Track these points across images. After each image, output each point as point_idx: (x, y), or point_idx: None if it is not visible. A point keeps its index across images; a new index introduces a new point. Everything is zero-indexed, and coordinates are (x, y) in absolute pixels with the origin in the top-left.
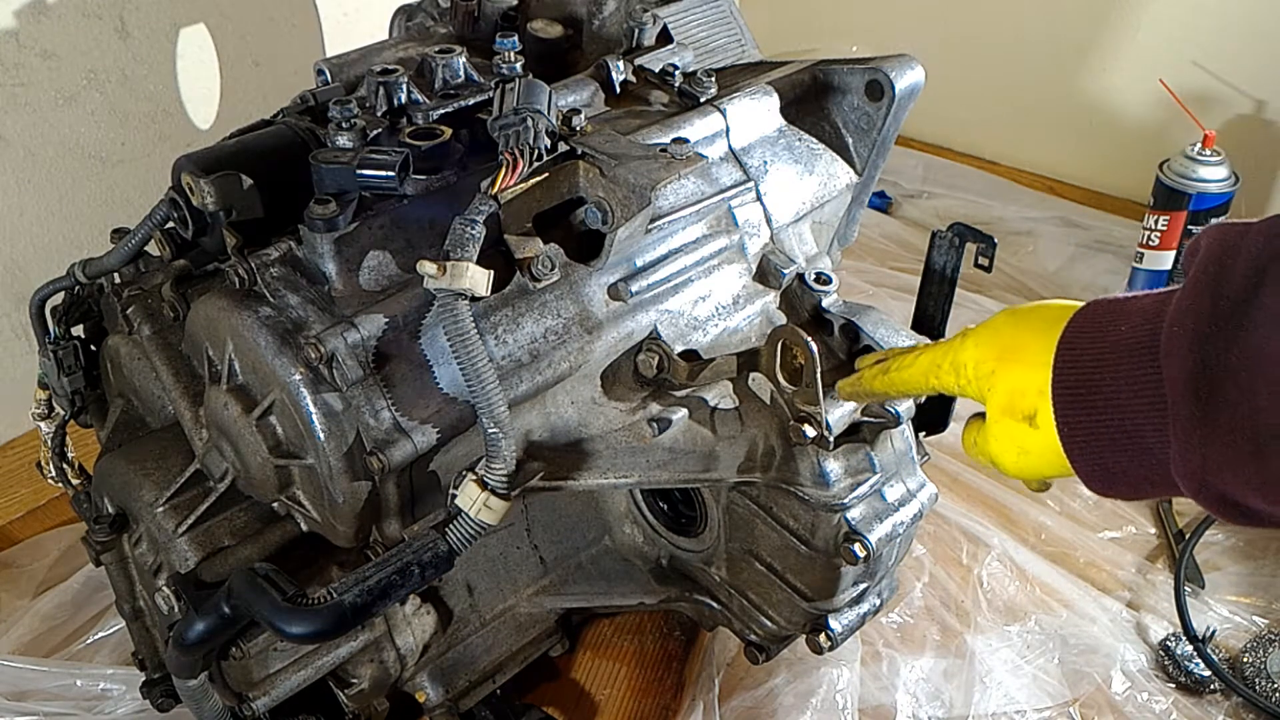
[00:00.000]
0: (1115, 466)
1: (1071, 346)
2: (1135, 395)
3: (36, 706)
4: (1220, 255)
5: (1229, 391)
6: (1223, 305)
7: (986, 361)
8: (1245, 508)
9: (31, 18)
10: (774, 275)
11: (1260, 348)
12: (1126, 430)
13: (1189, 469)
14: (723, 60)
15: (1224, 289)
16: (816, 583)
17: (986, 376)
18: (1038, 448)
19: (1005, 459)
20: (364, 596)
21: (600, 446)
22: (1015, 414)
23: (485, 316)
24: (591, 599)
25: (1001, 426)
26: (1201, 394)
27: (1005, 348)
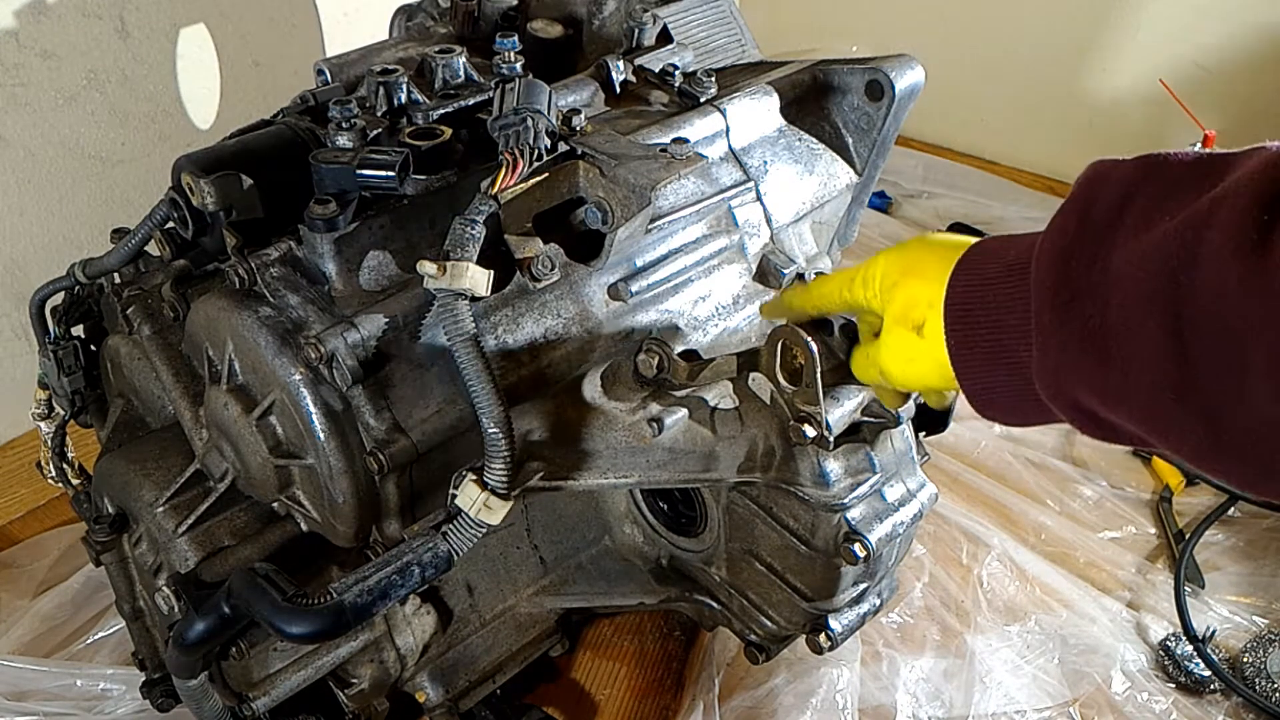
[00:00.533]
0: (990, 379)
1: (965, 266)
2: (1009, 311)
3: (36, 706)
4: (1093, 181)
5: (1085, 304)
6: (1088, 225)
7: (891, 275)
8: (1095, 415)
9: (31, 18)
10: (774, 275)
11: (1117, 267)
12: (1001, 342)
13: (1045, 374)
14: (723, 60)
15: (1092, 211)
16: (816, 583)
17: (889, 289)
18: (923, 356)
19: (893, 366)
20: (364, 596)
21: (600, 446)
22: (906, 323)
23: (485, 316)
24: (591, 599)
25: (894, 335)
26: (1060, 304)
27: (910, 264)
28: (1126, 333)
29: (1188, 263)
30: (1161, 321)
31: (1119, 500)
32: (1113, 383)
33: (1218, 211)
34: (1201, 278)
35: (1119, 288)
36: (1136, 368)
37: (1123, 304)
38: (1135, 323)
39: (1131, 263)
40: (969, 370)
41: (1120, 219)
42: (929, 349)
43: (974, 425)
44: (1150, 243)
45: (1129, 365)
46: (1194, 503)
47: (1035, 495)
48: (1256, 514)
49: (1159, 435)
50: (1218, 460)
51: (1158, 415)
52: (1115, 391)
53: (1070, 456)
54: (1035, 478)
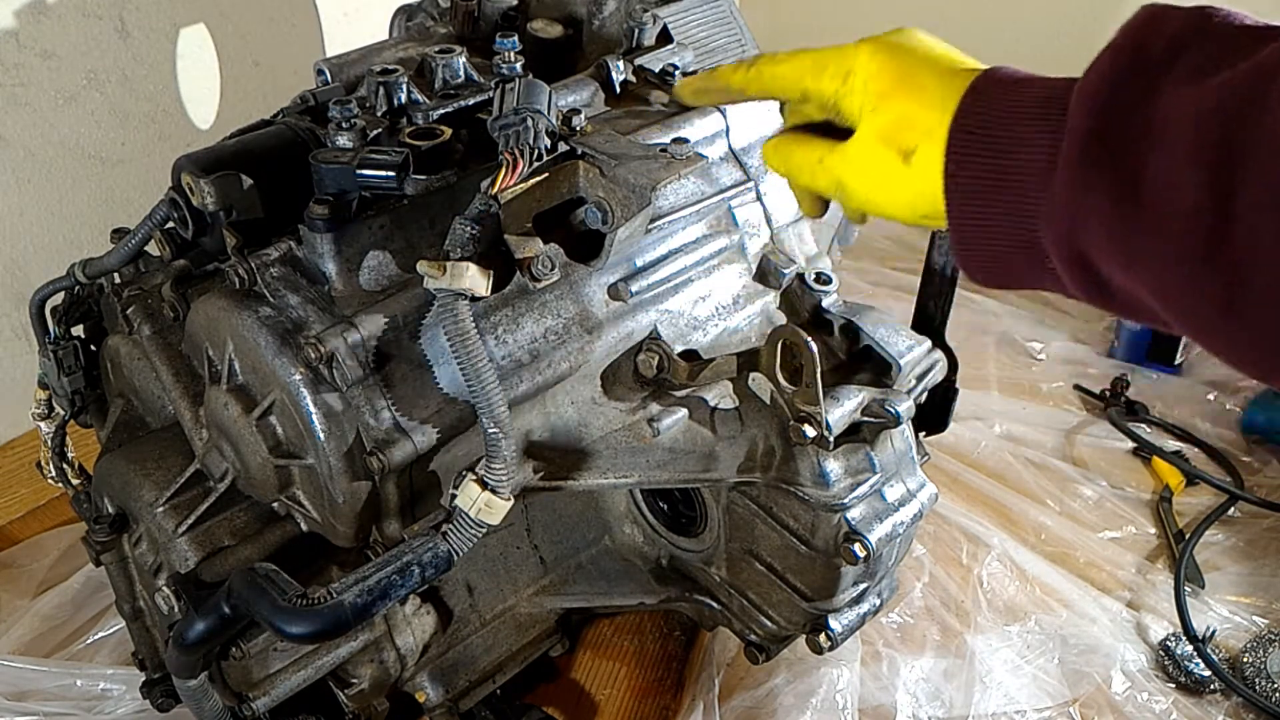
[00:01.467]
0: (987, 219)
1: (980, 94)
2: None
3: (36, 706)
4: (1145, 23)
5: (1125, 145)
6: (1139, 66)
7: (881, 80)
8: (1097, 272)
9: (31, 18)
10: (774, 275)
11: (1166, 111)
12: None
13: (1059, 218)
14: (723, 60)
15: (1144, 53)
16: (816, 583)
17: (877, 95)
18: (903, 185)
19: (860, 186)
20: (364, 596)
21: (600, 446)
22: (893, 144)
23: (485, 316)
24: (591, 599)
25: (873, 153)
26: (1095, 143)
27: (905, 74)
28: (1167, 182)
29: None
30: (1210, 172)
31: (1119, 500)
32: (1137, 231)
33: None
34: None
35: (1166, 132)
36: (1168, 217)
37: (1168, 151)
38: (1179, 171)
39: (1184, 108)
40: (964, 207)
41: (1175, 61)
42: (913, 179)
43: (974, 425)
44: (1207, 89)
45: (1160, 214)
46: (1194, 503)
47: (1035, 495)
48: (1256, 514)
49: (1170, 296)
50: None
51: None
52: (1136, 241)
53: (1070, 456)
54: (1035, 478)
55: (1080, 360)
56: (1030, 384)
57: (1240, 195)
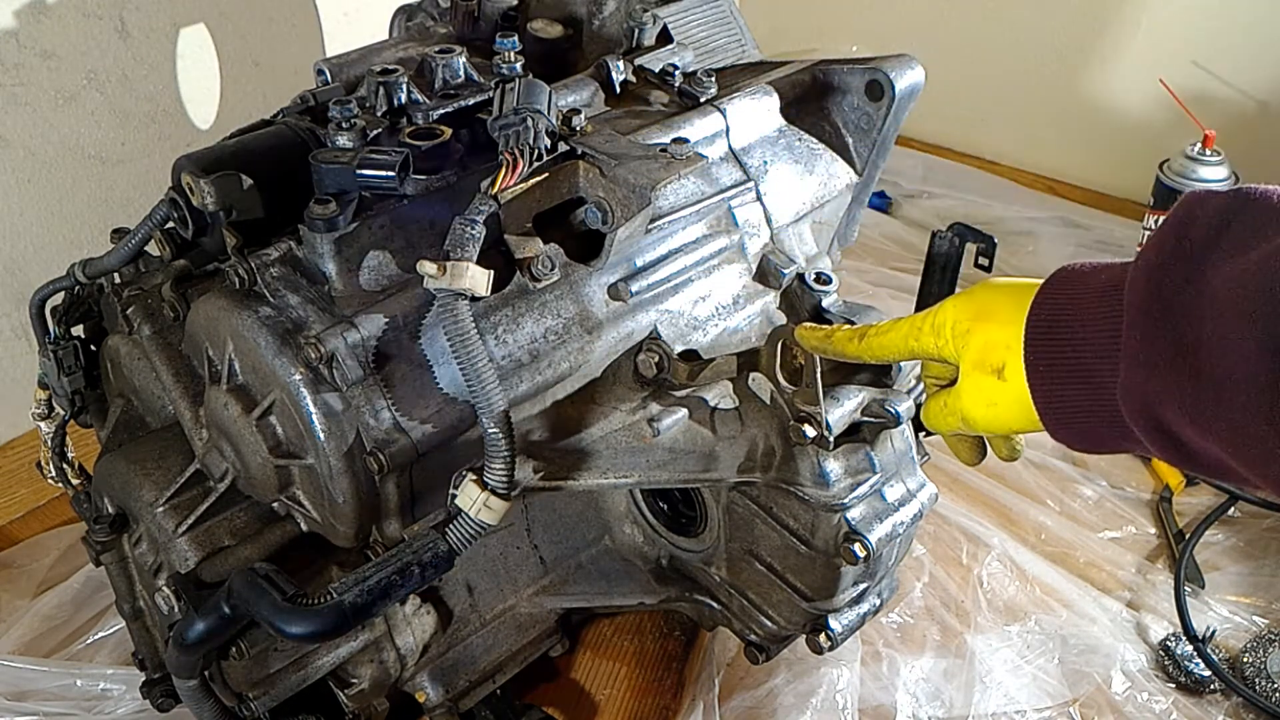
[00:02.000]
0: (1070, 399)
1: (1048, 293)
2: (1097, 331)
3: (36, 706)
4: (1189, 206)
5: (1178, 321)
6: (1185, 246)
7: (963, 321)
8: (1177, 437)
9: (31, 18)
10: (774, 275)
11: (1213, 286)
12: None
13: (1132, 391)
14: (723, 60)
15: (1189, 233)
16: (816, 583)
17: (962, 335)
18: (1005, 399)
19: (975, 412)
20: (364, 596)
21: (600, 446)
22: (985, 367)
23: (485, 316)
24: (591, 599)
25: (973, 380)
26: (1152, 320)
27: (981, 309)
28: (1221, 349)
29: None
30: (1259, 340)
31: (1119, 500)
32: (1203, 403)
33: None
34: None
35: (1215, 306)
36: (1229, 387)
37: (1219, 322)
38: (1231, 341)
39: (1229, 281)
40: (1048, 393)
41: (1217, 241)
42: (1010, 390)
43: None
44: (1250, 262)
45: (1221, 385)
46: (1194, 503)
47: (1035, 495)
48: (1256, 514)
49: (1246, 459)
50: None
51: (1248, 438)
52: (1205, 412)
53: (1070, 456)
54: (1035, 478)
55: None
56: None
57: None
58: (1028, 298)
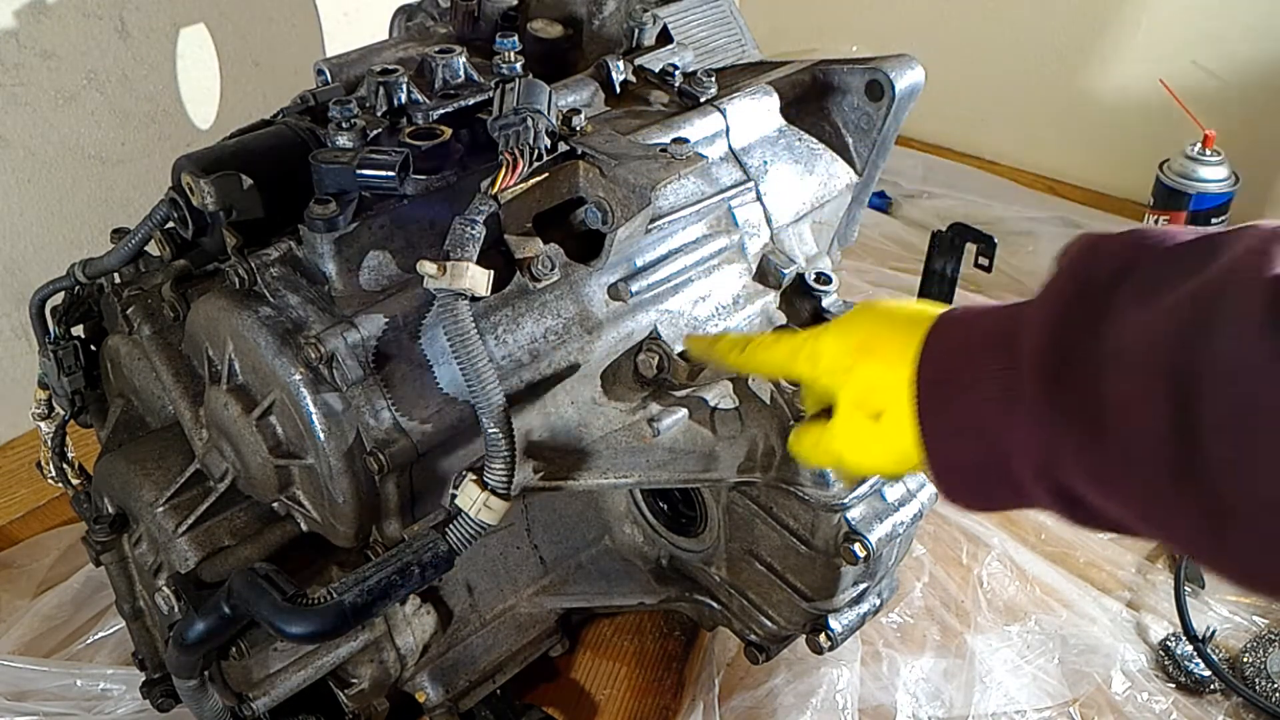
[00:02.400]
0: (964, 459)
1: (937, 339)
2: (989, 383)
3: (36, 706)
4: (1088, 252)
5: (1079, 376)
6: (1085, 294)
7: (844, 355)
8: (1080, 499)
9: (31, 18)
10: (774, 275)
11: (1118, 337)
12: (978, 420)
13: (1031, 453)
14: (723, 60)
15: (1089, 282)
16: (816, 583)
17: (843, 371)
18: (883, 444)
19: (850, 456)
20: (364, 596)
21: (600, 446)
22: (865, 410)
23: (485, 316)
24: (591, 599)
25: (850, 421)
26: (1050, 375)
27: (864, 343)
28: (1126, 407)
29: (1199, 334)
30: (1167, 396)
31: None
32: (1108, 463)
33: (1230, 283)
34: (1216, 350)
35: (1119, 359)
36: (1136, 446)
37: (1123, 376)
38: (1137, 397)
39: (1133, 333)
40: (940, 451)
41: (1118, 289)
42: (889, 435)
43: None
44: (1154, 313)
45: (1127, 444)
46: None
47: None
48: None
49: (1153, 520)
50: (1215, 551)
51: (1155, 496)
52: (1110, 472)
53: None
54: None
55: None
56: None
57: (1201, 420)
58: (916, 336)
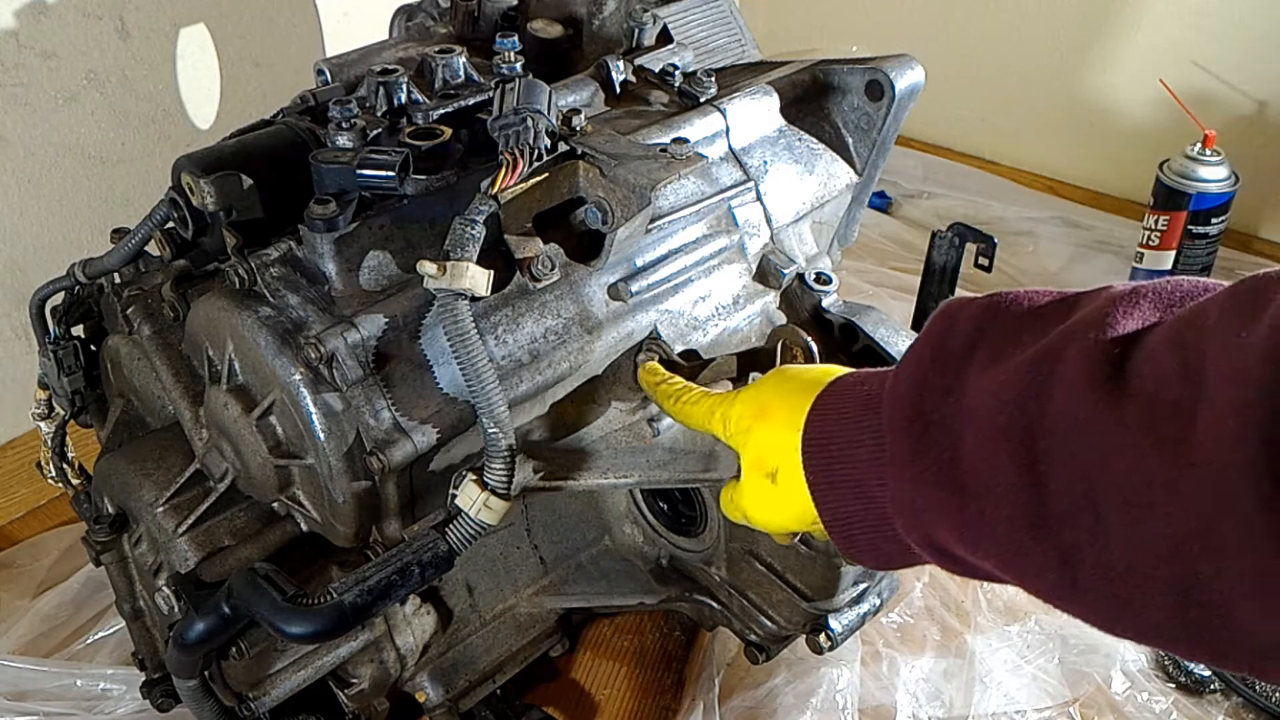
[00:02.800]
0: (851, 517)
1: (821, 405)
2: (863, 446)
3: (36, 706)
4: (944, 316)
5: (938, 437)
6: (941, 360)
7: (745, 419)
8: (952, 554)
9: (31, 18)
10: (774, 275)
11: (970, 399)
12: (857, 479)
13: (902, 511)
14: (723, 60)
15: (945, 347)
16: (816, 583)
17: (743, 433)
18: (780, 503)
19: (755, 513)
20: (364, 596)
21: (600, 446)
22: (761, 470)
23: (485, 316)
24: (591, 599)
25: (751, 481)
26: (914, 438)
27: (762, 408)
28: (980, 466)
29: (1040, 395)
30: (1014, 454)
31: None
32: (969, 519)
33: (1069, 344)
34: (1055, 409)
35: (972, 420)
36: (992, 503)
37: (976, 437)
38: (989, 456)
39: (984, 395)
40: (829, 510)
41: (972, 353)
42: (784, 495)
43: None
44: (1003, 375)
45: (984, 500)
46: None
47: None
48: None
49: (1016, 573)
50: (1074, 600)
51: (1014, 553)
52: (971, 528)
53: None
54: None
55: None
56: None
57: (1047, 475)
58: (806, 401)
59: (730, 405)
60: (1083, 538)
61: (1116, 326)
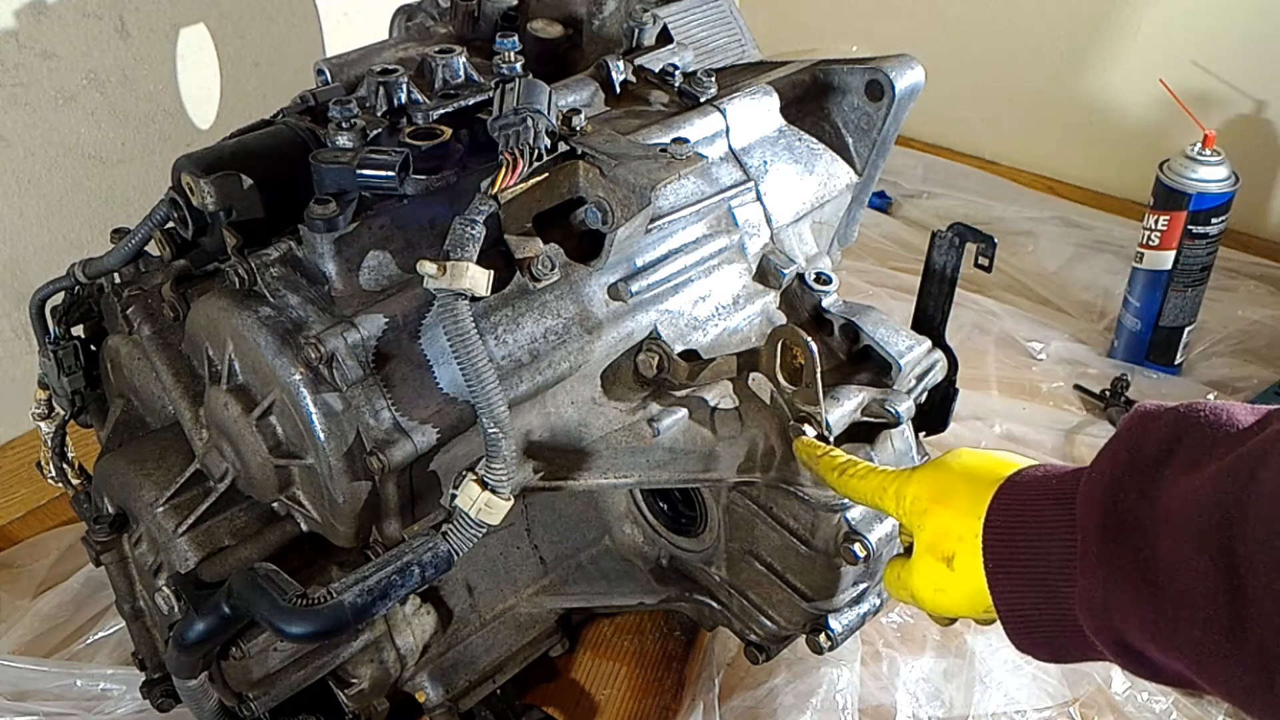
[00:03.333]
0: (1030, 609)
1: (1005, 494)
2: (1052, 540)
3: (36, 706)
4: (1142, 419)
5: (1134, 538)
6: (1138, 461)
7: (922, 500)
8: (1139, 653)
9: (31, 18)
10: (774, 275)
11: (1167, 502)
12: (1042, 573)
13: (1091, 607)
14: (723, 60)
15: (1141, 450)
16: (816, 583)
17: (920, 514)
18: (953, 588)
19: (923, 594)
20: (364, 596)
21: (600, 446)
22: (937, 553)
23: (485, 316)
24: (591, 599)
25: (924, 563)
26: (1108, 538)
27: (941, 491)
28: (1177, 568)
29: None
30: (1214, 558)
31: None
32: (1163, 619)
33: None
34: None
35: (1170, 523)
36: (1187, 604)
37: (1174, 539)
38: (1186, 558)
39: (1183, 498)
40: (1007, 601)
41: (1170, 457)
42: (959, 581)
43: (974, 425)
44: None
45: (1179, 602)
46: None
47: None
48: None
49: (1209, 675)
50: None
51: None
52: (1165, 628)
53: (1070, 456)
54: None
55: (1080, 360)
56: (1030, 384)
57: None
58: (988, 489)
59: (906, 483)
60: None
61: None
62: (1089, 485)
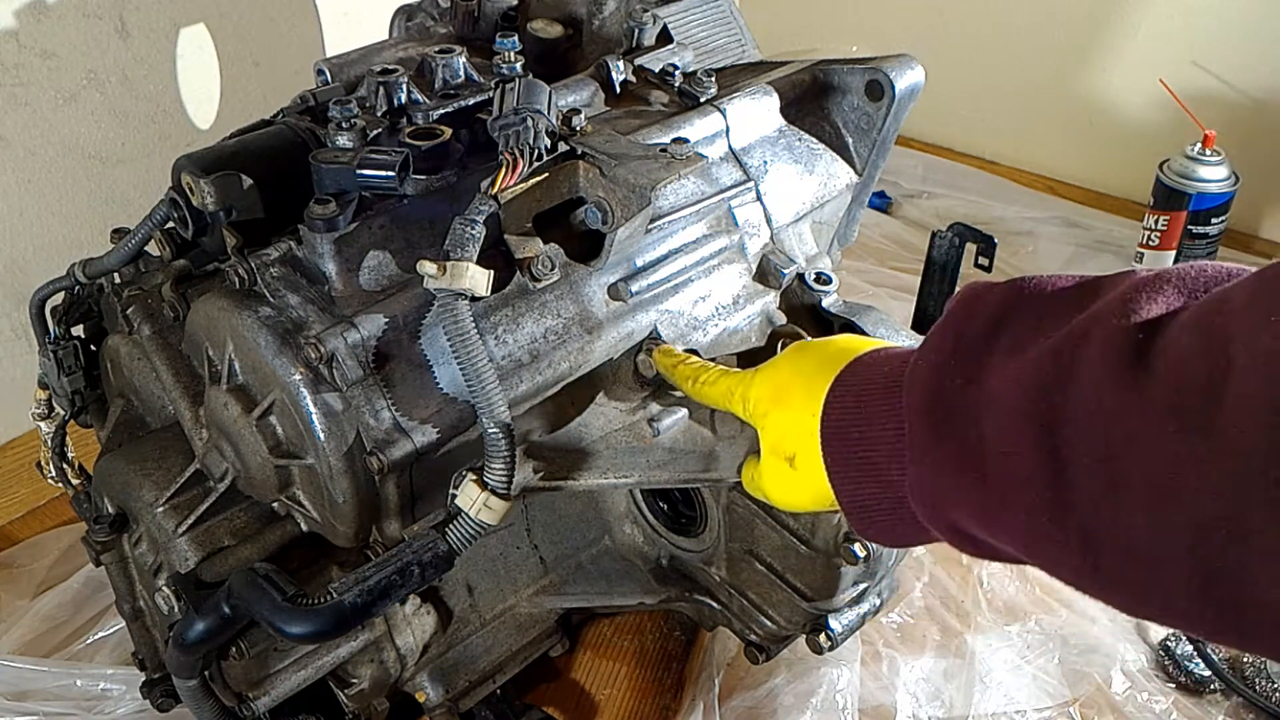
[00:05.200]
0: (868, 499)
1: (840, 385)
2: (882, 429)
3: (36, 706)
4: (967, 302)
5: (959, 423)
6: (961, 345)
7: (763, 402)
8: (973, 536)
9: (31, 18)
10: (774, 275)
11: (992, 386)
12: (875, 462)
13: (922, 494)
14: (723, 60)
15: (965, 332)
16: (816, 583)
17: (761, 416)
18: (799, 487)
19: (774, 494)
20: (364, 596)
21: (600, 446)
22: (780, 454)
23: (485, 316)
24: (591, 599)
25: (770, 464)
26: (934, 423)
27: (779, 390)
28: (1002, 452)
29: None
30: (1037, 440)
31: None
32: (990, 504)
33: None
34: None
35: (994, 407)
36: (1013, 488)
37: (998, 423)
38: (1011, 442)
39: (1007, 381)
40: (848, 494)
41: (995, 339)
42: (804, 480)
43: None
44: (1025, 362)
45: (1006, 486)
46: None
47: None
48: None
49: (1038, 558)
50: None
51: (1035, 537)
52: (992, 512)
53: None
54: None
55: None
56: None
57: (1069, 461)
58: (823, 385)
59: (749, 386)
60: (1105, 522)
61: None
62: (914, 372)
